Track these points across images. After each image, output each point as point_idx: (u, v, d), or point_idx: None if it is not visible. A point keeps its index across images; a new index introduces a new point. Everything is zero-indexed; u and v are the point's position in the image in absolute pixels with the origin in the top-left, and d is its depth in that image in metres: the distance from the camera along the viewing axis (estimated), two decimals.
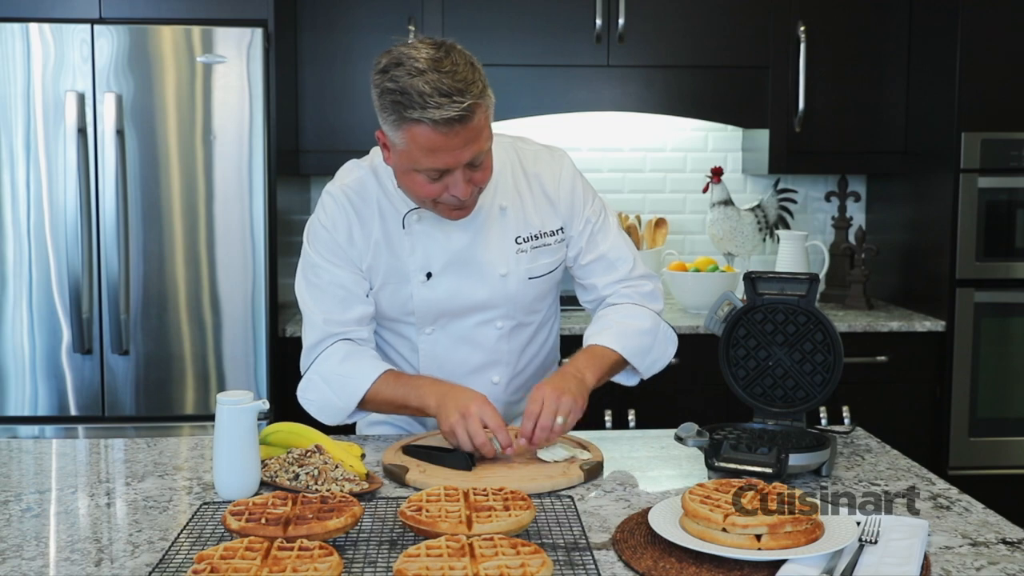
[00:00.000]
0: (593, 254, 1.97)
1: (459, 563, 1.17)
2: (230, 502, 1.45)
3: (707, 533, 1.30)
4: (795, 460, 1.59)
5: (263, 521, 1.31)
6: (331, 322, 1.87)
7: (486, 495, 1.40)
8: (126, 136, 2.97)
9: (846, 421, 3.16)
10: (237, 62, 2.97)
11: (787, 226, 3.74)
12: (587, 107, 3.46)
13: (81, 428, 3.03)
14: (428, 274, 1.87)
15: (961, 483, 1.76)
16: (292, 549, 1.22)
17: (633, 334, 1.92)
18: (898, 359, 3.30)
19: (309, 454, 1.62)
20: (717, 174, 3.63)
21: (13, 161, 2.96)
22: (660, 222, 3.71)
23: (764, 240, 3.70)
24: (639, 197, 3.84)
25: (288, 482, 1.56)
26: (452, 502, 1.38)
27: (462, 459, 1.66)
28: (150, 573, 1.25)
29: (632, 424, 3.15)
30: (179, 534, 1.38)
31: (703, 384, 3.16)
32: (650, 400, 3.07)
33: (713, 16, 3.43)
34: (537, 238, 1.92)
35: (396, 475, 1.65)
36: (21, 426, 3.01)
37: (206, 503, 1.51)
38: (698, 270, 3.46)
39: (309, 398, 1.88)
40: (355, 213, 1.87)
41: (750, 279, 1.79)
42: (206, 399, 3.03)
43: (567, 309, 2.76)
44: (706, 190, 3.64)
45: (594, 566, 1.27)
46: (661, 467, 1.77)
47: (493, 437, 1.67)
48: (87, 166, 2.96)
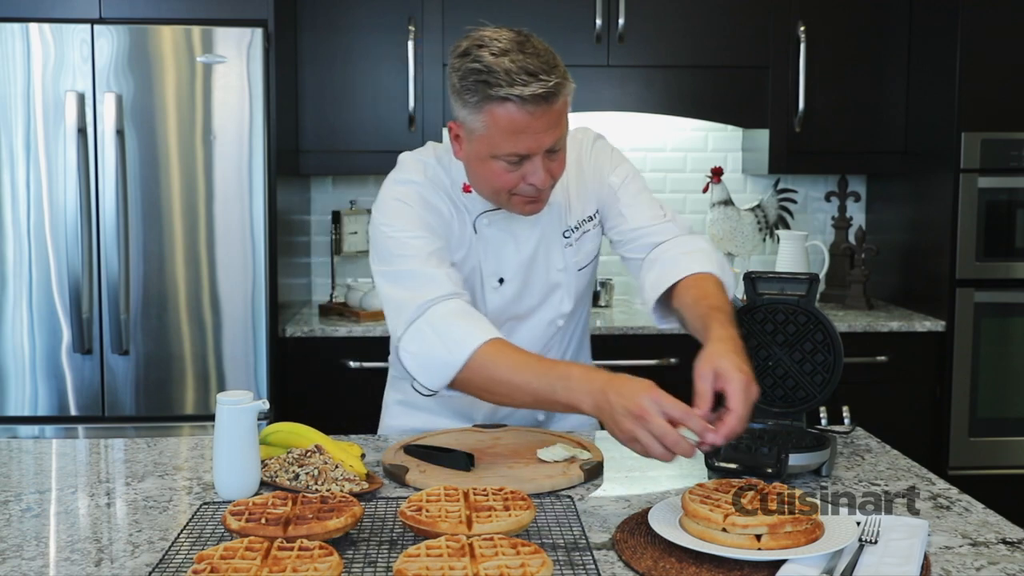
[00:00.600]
0: (620, 220, 1.90)
1: (459, 563, 1.17)
2: (230, 502, 1.45)
3: (707, 533, 1.30)
4: (795, 460, 1.59)
5: (263, 521, 1.31)
6: (444, 277, 1.72)
7: (486, 495, 1.40)
8: (126, 136, 2.97)
9: (846, 421, 3.15)
10: (237, 62, 2.97)
11: (787, 226, 3.74)
12: (587, 107, 3.46)
13: (81, 428, 3.03)
14: (500, 280, 1.85)
15: (961, 483, 1.76)
16: (292, 549, 1.22)
17: (705, 257, 1.81)
18: (898, 359, 3.30)
19: (309, 454, 1.62)
20: (717, 174, 3.63)
21: (13, 161, 2.96)
22: None
23: (764, 240, 3.70)
24: None
25: (288, 482, 1.56)
26: (452, 502, 1.38)
27: (462, 459, 1.66)
28: (150, 573, 1.25)
29: None
30: (179, 534, 1.38)
31: None
32: None
33: (713, 16, 3.43)
34: (579, 228, 1.89)
35: (396, 475, 1.64)
36: (21, 426, 3.01)
37: (206, 503, 1.51)
38: None
39: (411, 350, 1.68)
40: (435, 203, 1.81)
41: (750, 279, 1.79)
42: (206, 399, 3.03)
43: None
44: (706, 190, 3.64)
45: (594, 566, 1.27)
46: (661, 467, 1.76)
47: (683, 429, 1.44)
48: (87, 166, 2.96)
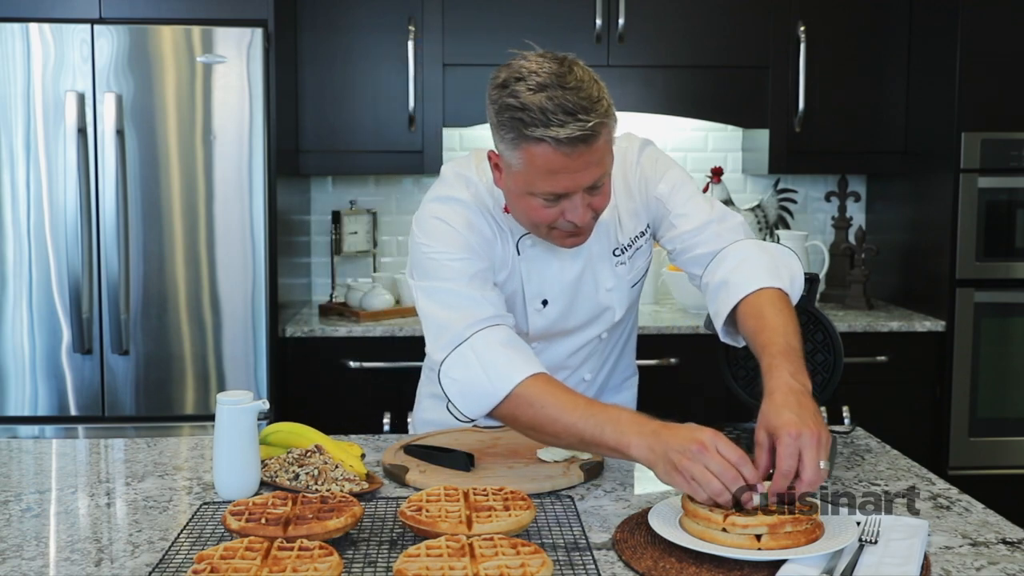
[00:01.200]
0: (671, 229, 1.83)
1: (459, 563, 1.17)
2: (230, 502, 1.45)
3: (707, 533, 1.30)
4: None
5: (263, 521, 1.31)
6: (488, 301, 1.67)
7: (486, 495, 1.40)
8: (126, 136, 2.97)
9: (846, 421, 3.16)
10: (237, 62, 2.97)
11: (787, 226, 3.74)
12: None
13: (81, 428, 3.03)
14: (544, 302, 1.82)
15: (961, 483, 1.76)
16: (292, 549, 1.22)
17: (753, 268, 1.71)
18: (898, 359, 3.29)
19: (309, 454, 1.62)
20: (717, 174, 3.63)
21: (13, 161, 2.96)
22: None
23: (764, 240, 3.69)
24: None
25: (288, 482, 1.56)
26: (452, 502, 1.38)
27: (462, 459, 1.66)
28: (150, 573, 1.25)
29: None
30: (179, 534, 1.38)
31: (703, 384, 3.16)
32: (650, 400, 3.06)
33: (713, 16, 3.43)
34: (631, 246, 1.85)
35: (396, 475, 1.64)
36: (21, 426, 3.01)
37: (206, 503, 1.51)
38: None
39: (453, 376, 1.62)
40: (478, 223, 1.75)
41: None
42: (206, 399, 3.03)
43: None
44: (706, 190, 3.64)
45: (594, 566, 1.27)
46: None
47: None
48: (87, 166, 2.96)
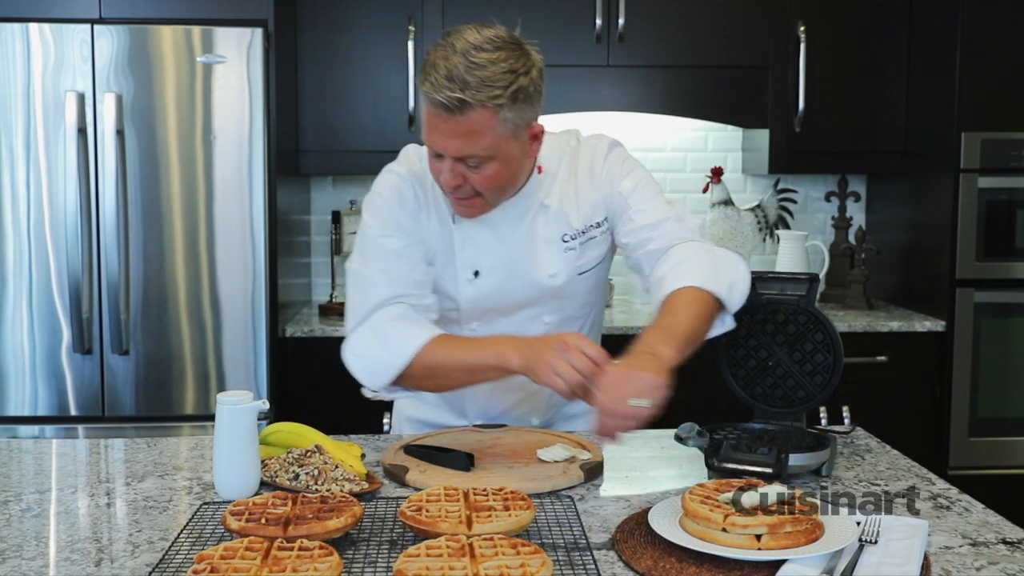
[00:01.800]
0: (627, 222, 1.86)
1: (459, 563, 1.17)
2: (230, 502, 1.45)
3: (707, 533, 1.30)
4: (795, 460, 1.59)
5: (263, 521, 1.31)
6: (392, 282, 1.77)
7: (486, 495, 1.40)
8: (126, 136, 2.97)
9: (846, 421, 3.16)
10: (237, 62, 2.97)
11: (787, 226, 3.74)
12: (587, 107, 3.46)
13: (81, 428, 3.03)
14: (475, 272, 1.84)
15: (961, 483, 1.76)
16: (292, 549, 1.22)
17: (689, 267, 1.75)
18: (898, 359, 3.29)
19: (309, 454, 1.62)
20: (717, 174, 3.63)
21: (13, 161, 2.96)
22: None
23: (764, 240, 3.70)
24: None
25: (288, 482, 1.56)
26: (452, 502, 1.38)
27: (462, 459, 1.66)
28: (150, 573, 1.25)
29: None
30: (179, 534, 1.38)
31: (703, 384, 3.15)
32: None
33: (713, 16, 3.43)
34: (584, 233, 1.86)
35: (396, 475, 1.64)
36: (21, 426, 3.01)
37: (206, 503, 1.51)
38: None
39: (356, 352, 1.74)
40: (420, 193, 1.83)
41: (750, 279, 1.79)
42: (206, 399, 3.03)
43: None
44: (706, 190, 3.64)
45: (594, 566, 1.27)
46: (661, 467, 1.77)
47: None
48: (87, 166, 2.96)
